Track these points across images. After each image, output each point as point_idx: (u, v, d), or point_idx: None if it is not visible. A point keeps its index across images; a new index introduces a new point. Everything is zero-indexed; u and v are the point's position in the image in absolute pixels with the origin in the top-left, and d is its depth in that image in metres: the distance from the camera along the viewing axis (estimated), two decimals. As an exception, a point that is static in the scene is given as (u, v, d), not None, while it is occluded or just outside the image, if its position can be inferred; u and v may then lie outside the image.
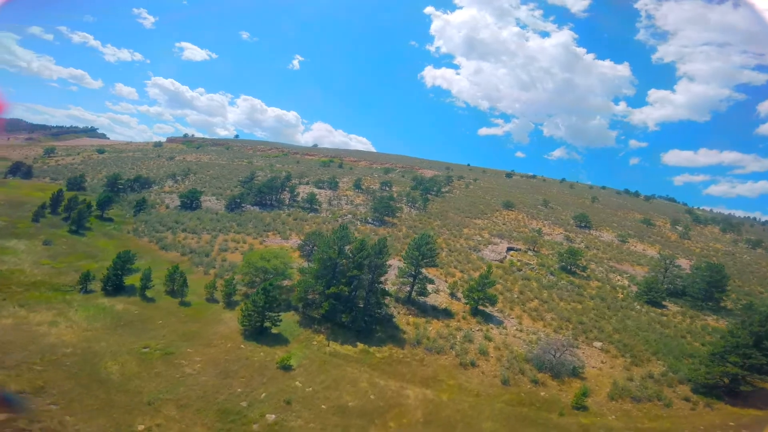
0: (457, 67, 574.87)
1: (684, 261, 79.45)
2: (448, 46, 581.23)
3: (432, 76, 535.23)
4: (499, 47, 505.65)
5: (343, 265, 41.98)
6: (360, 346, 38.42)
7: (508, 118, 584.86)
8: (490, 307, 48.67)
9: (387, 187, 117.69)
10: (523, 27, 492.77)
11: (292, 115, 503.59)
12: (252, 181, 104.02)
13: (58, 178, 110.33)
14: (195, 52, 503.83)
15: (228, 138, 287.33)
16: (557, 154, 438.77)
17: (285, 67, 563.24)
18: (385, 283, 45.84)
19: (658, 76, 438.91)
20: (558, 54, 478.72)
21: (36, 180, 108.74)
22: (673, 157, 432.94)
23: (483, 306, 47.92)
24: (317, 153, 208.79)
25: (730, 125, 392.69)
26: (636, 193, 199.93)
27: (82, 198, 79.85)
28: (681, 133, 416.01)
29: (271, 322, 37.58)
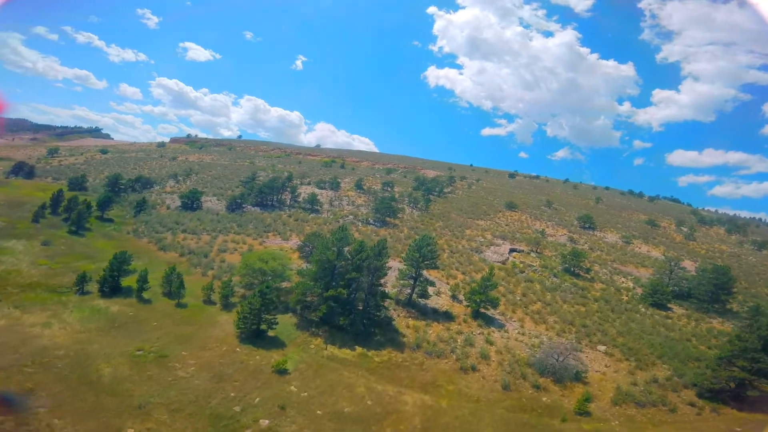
0: (460, 67, 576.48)
1: (689, 263, 78.34)
2: (451, 46, 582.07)
3: (435, 76, 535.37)
4: (502, 47, 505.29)
5: (341, 267, 41.31)
6: (358, 349, 37.76)
7: (511, 118, 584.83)
8: (491, 309, 47.92)
9: (389, 188, 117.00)
10: (527, 27, 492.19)
11: (295, 116, 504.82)
12: (253, 181, 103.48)
13: (60, 178, 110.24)
14: (199, 53, 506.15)
15: (231, 138, 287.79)
16: (561, 154, 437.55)
17: (288, 68, 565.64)
18: (385, 285, 45.13)
19: (663, 76, 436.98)
20: (562, 54, 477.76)
21: (38, 180, 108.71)
22: (678, 157, 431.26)
23: (485, 309, 47.19)
24: (319, 153, 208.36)
25: (735, 125, 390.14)
26: (640, 194, 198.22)
27: (83, 198, 79.53)
28: (686, 134, 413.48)
29: (268, 325, 36.94)
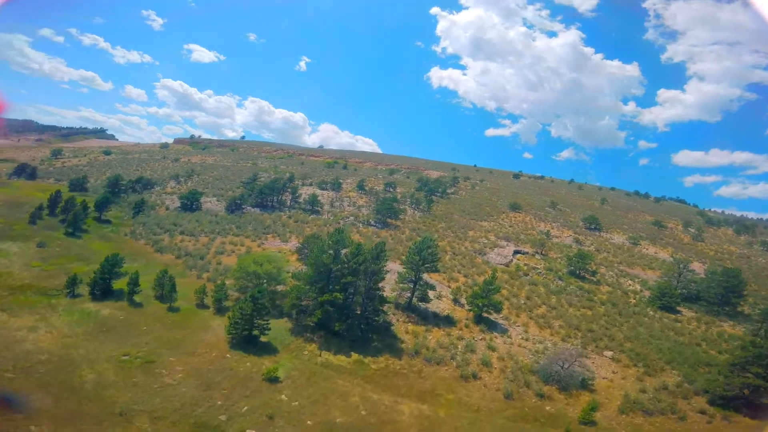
0: (463, 67, 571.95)
1: (698, 265, 76.38)
2: (455, 46, 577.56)
3: (438, 77, 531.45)
4: (505, 47, 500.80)
5: (338, 271, 39.91)
6: (354, 356, 36.35)
7: (515, 118, 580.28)
8: (494, 314, 46.31)
9: (391, 189, 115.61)
10: (530, 27, 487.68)
11: (299, 117, 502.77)
12: (254, 182, 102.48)
13: (62, 179, 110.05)
14: (203, 54, 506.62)
15: (234, 139, 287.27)
16: (565, 154, 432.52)
17: (292, 69, 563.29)
18: (383, 289, 43.65)
19: (668, 75, 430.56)
20: (565, 54, 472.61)
21: (40, 181, 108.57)
22: (684, 157, 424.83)
23: (487, 313, 45.60)
24: (322, 154, 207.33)
25: (741, 125, 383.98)
26: (646, 195, 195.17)
27: (81, 199, 78.85)
28: (691, 134, 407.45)
29: (260, 330, 35.64)
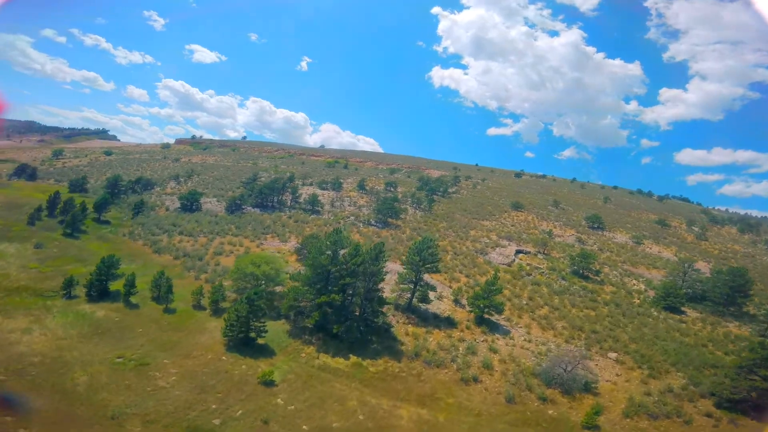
0: (465, 67, 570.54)
1: (702, 264, 75.35)
2: (456, 46, 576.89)
3: (440, 76, 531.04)
4: (507, 47, 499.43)
5: (336, 272, 39.17)
6: (353, 358, 35.59)
7: (517, 117, 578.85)
8: (496, 315, 45.53)
9: (392, 188, 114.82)
10: (532, 26, 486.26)
11: (301, 117, 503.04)
12: (254, 182, 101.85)
13: (62, 180, 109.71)
14: (205, 54, 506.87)
15: (235, 139, 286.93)
16: (567, 153, 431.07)
17: (293, 69, 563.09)
18: (383, 290, 42.87)
19: (670, 74, 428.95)
20: (567, 53, 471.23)
21: (40, 182, 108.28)
22: (686, 156, 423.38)
23: (488, 314, 44.81)
24: (323, 154, 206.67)
25: (744, 124, 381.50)
26: (649, 193, 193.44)
27: (81, 200, 78.40)
28: (694, 132, 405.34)
29: (257, 332, 34.95)
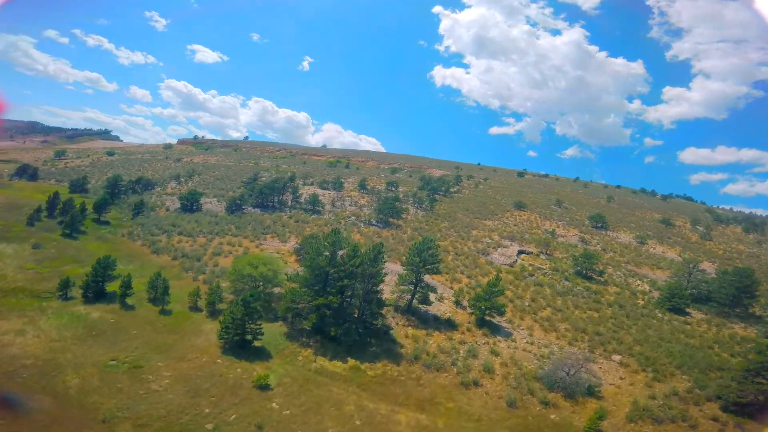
0: (466, 66, 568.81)
1: (707, 264, 74.24)
2: (458, 45, 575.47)
3: (441, 75, 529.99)
4: (509, 45, 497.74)
5: (334, 273, 38.47)
6: (351, 362, 34.88)
7: (519, 116, 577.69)
8: (497, 317, 44.78)
9: (393, 188, 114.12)
10: (534, 25, 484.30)
11: (303, 117, 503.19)
12: (255, 182, 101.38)
13: (63, 180, 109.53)
14: (207, 55, 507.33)
15: (238, 139, 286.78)
16: (570, 152, 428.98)
17: (295, 69, 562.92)
18: (382, 291, 42.17)
19: (673, 73, 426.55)
20: (569, 52, 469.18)
21: (41, 182, 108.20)
22: (690, 155, 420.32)
23: (490, 316, 44.07)
24: (325, 153, 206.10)
25: (748, 122, 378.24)
26: (653, 192, 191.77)
27: (80, 201, 78.11)
28: (698, 131, 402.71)
29: (253, 335, 34.33)
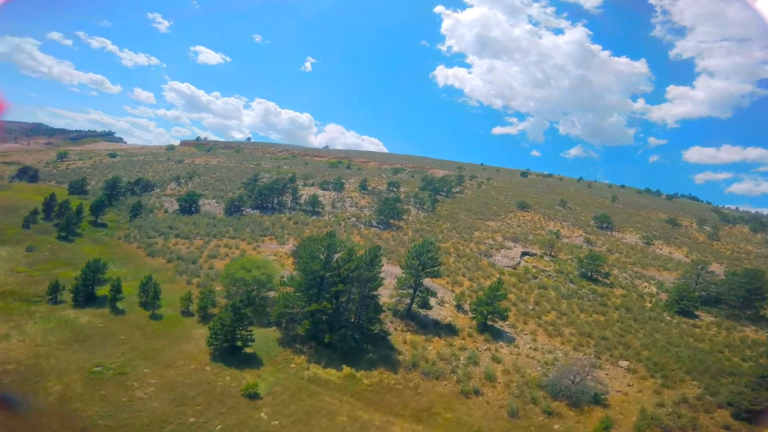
0: (469, 66, 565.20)
1: (715, 265, 72.40)
2: (460, 45, 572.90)
3: (444, 75, 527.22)
4: (511, 45, 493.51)
5: (330, 277, 37.09)
6: (346, 369, 33.51)
7: (522, 116, 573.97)
8: (500, 321, 43.20)
9: (395, 188, 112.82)
10: (536, 24, 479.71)
11: (306, 117, 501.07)
12: (255, 183, 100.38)
13: (63, 182, 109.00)
14: (209, 56, 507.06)
15: (240, 140, 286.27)
16: (574, 152, 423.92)
17: (297, 69, 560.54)
18: (381, 296, 40.73)
19: (677, 72, 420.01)
20: (572, 51, 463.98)
21: (42, 184, 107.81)
22: (694, 154, 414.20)
23: (492, 321, 42.53)
24: (327, 154, 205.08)
25: (753, 121, 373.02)
26: (658, 192, 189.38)
27: (78, 203, 77.44)
28: (702, 130, 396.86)
29: (243, 341, 33.08)
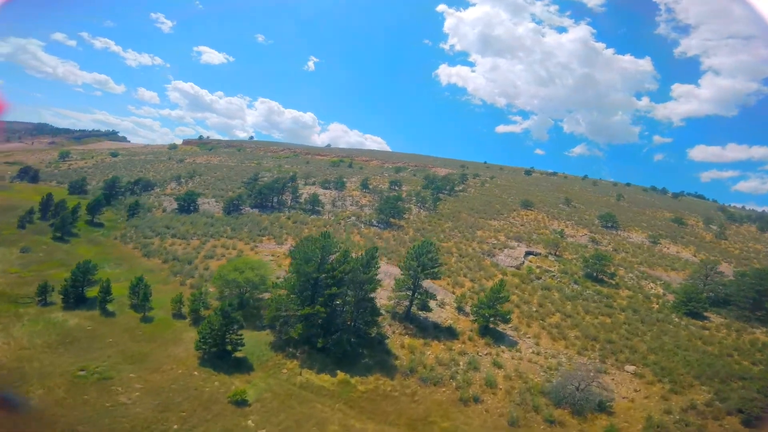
0: (472, 64, 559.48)
1: (725, 265, 70.66)
2: (463, 43, 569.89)
3: (447, 74, 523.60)
4: (514, 43, 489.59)
5: (324, 280, 35.81)
6: (340, 375, 32.25)
7: (526, 114, 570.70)
8: (502, 324, 41.85)
9: (396, 187, 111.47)
10: (539, 22, 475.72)
11: (309, 117, 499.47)
12: (255, 182, 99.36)
13: (64, 182, 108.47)
14: (213, 56, 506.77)
15: (242, 140, 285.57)
16: (578, 150, 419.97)
17: (300, 69, 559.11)
18: (378, 298, 39.52)
19: (682, 70, 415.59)
20: (576, 49, 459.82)
21: (42, 184, 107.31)
22: (700, 152, 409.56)
23: (494, 324, 41.15)
24: (329, 153, 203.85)
25: (759, 119, 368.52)
26: (663, 190, 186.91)
27: (75, 202, 76.73)
28: (707, 128, 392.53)
29: (233, 345, 31.97)
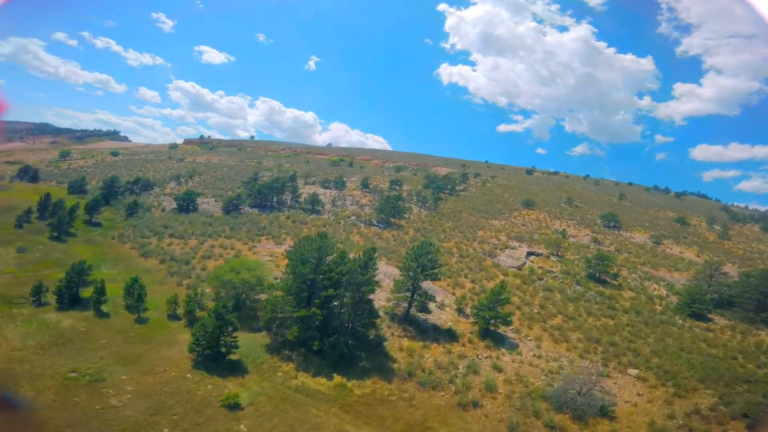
0: (473, 63, 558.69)
1: (729, 266, 69.79)
2: (464, 42, 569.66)
3: (448, 73, 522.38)
4: (515, 42, 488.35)
5: (321, 281, 35.21)
6: (336, 378, 31.62)
7: (527, 114, 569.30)
8: (503, 326, 41.16)
9: (397, 186, 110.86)
10: (540, 22, 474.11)
11: (310, 116, 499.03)
12: (255, 181, 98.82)
13: (64, 181, 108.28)
14: (214, 55, 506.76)
15: (243, 139, 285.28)
16: (579, 150, 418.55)
17: (302, 68, 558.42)
18: (377, 299, 38.90)
19: (684, 69, 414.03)
20: (577, 48, 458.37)
21: (42, 183, 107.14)
22: (702, 152, 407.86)
23: (494, 326, 40.46)
24: (330, 152, 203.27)
25: (762, 118, 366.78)
26: (666, 190, 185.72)
27: (74, 202, 76.36)
28: (709, 128, 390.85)
29: (227, 348, 31.41)
